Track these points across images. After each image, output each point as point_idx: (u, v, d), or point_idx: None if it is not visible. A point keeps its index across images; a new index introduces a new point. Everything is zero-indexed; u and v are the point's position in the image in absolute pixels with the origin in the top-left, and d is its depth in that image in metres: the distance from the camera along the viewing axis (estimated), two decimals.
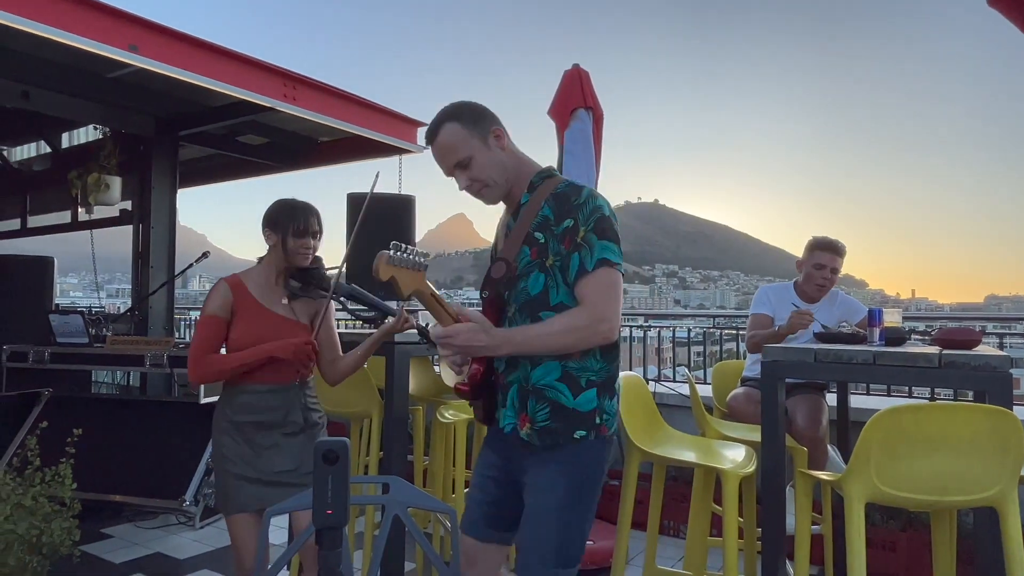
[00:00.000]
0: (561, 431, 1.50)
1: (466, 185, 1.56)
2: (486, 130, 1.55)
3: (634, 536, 2.85)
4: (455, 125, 1.54)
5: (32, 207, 6.15)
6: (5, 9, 2.67)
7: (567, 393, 1.50)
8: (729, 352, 4.95)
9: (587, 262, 1.46)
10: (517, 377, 1.55)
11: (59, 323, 4.01)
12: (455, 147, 1.54)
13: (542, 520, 1.50)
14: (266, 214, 2.10)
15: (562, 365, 1.51)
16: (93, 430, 2.68)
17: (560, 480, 1.50)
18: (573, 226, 1.48)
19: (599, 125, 3.46)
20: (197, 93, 3.93)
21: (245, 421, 2.03)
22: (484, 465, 1.66)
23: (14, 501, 1.93)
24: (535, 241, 1.52)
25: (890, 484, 1.66)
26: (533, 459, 1.54)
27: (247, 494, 1.99)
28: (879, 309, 2.26)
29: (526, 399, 1.53)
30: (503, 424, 1.57)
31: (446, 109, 1.58)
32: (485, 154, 1.54)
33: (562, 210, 1.51)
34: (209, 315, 2.01)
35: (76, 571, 2.82)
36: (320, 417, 2.15)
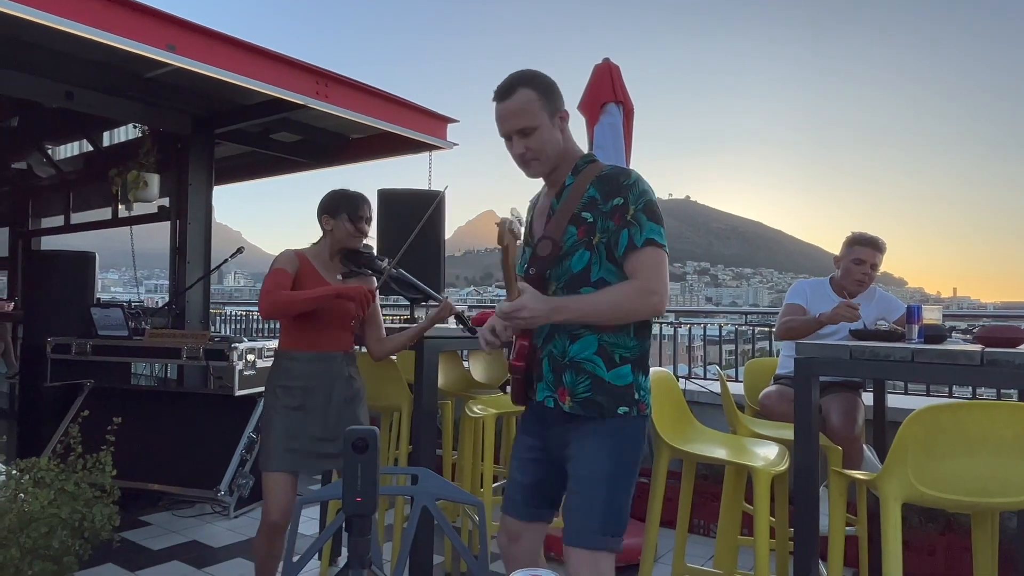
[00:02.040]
0: (605, 404, 1.55)
1: (520, 152, 1.59)
2: (555, 107, 1.60)
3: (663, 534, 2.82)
4: (531, 92, 1.56)
5: (75, 204, 6.34)
6: (50, 11, 2.76)
7: (602, 366, 1.56)
8: (762, 350, 4.87)
9: (636, 239, 1.52)
10: (549, 350, 1.60)
11: (100, 316, 4.12)
12: (525, 113, 1.56)
13: (590, 489, 1.54)
14: (322, 202, 2.33)
15: (598, 339, 1.56)
16: (132, 421, 2.76)
17: (604, 452, 1.54)
18: (623, 204, 1.53)
19: (629, 120, 3.43)
20: (232, 91, 4.00)
21: (294, 385, 2.22)
22: (522, 449, 1.71)
23: (58, 486, 2.00)
24: (582, 221, 1.56)
25: (928, 484, 1.61)
26: (576, 432, 1.58)
27: (286, 457, 2.18)
28: (918, 306, 2.20)
29: (561, 372, 1.58)
30: (540, 398, 1.62)
31: (524, 73, 1.60)
32: (548, 129, 1.58)
33: (610, 189, 1.55)
34: (277, 268, 2.21)
35: (116, 556, 2.91)
36: (361, 388, 2.36)
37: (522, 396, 1.68)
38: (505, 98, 1.58)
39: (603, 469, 1.53)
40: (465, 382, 3.50)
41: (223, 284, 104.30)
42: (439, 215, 3.21)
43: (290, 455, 2.19)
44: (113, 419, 2.32)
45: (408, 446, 2.77)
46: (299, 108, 3.94)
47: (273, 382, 2.27)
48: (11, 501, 1.96)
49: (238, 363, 3.65)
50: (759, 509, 1.97)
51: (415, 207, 3.11)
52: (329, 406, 2.25)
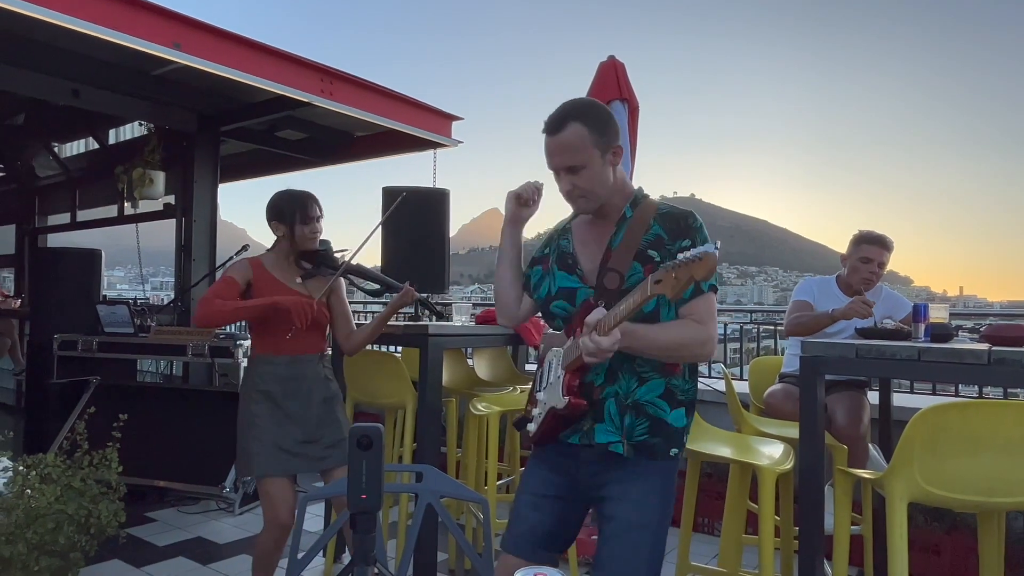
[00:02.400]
0: (659, 447, 1.53)
1: (568, 189, 1.54)
2: (609, 144, 1.53)
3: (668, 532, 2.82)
4: (583, 128, 1.50)
5: (81, 201, 6.37)
6: (57, 9, 2.77)
7: (666, 409, 1.54)
8: (767, 349, 4.86)
9: (702, 284, 1.47)
10: (614, 391, 1.53)
11: (106, 313, 4.14)
12: (575, 150, 1.50)
13: (634, 537, 1.49)
14: (270, 207, 2.28)
15: (666, 382, 1.54)
16: (138, 417, 2.77)
17: (653, 496, 1.51)
18: (691, 247, 1.46)
19: (634, 117, 3.43)
20: (237, 89, 4.01)
21: (272, 389, 2.20)
22: (540, 484, 1.62)
23: (64, 482, 2.01)
24: (649, 259, 1.51)
25: (934, 483, 1.61)
26: (620, 472, 1.52)
27: (274, 461, 2.16)
28: (924, 304, 2.19)
29: (624, 414, 1.53)
30: (602, 441, 1.53)
31: (580, 106, 1.53)
32: (599, 167, 1.52)
33: (677, 229, 1.52)
34: (227, 275, 2.19)
35: (122, 552, 2.93)
36: (337, 390, 2.35)
37: (554, 435, 1.57)
38: (555, 132, 1.51)
39: (651, 515, 1.50)
40: (469, 380, 3.51)
41: None
42: (444, 214, 3.21)
43: (284, 457, 2.18)
44: (119, 416, 2.33)
45: (412, 444, 2.78)
46: (304, 106, 3.95)
47: (250, 387, 2.23)
48: (18, 497, 1.97)
49: (243, 360, 3.66)
50: (764, 508, 1.97)
51: (419, 204, 3.12)
52: (309, 409, 2.24)
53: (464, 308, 3.10)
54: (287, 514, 2.18)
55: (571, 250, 1.64)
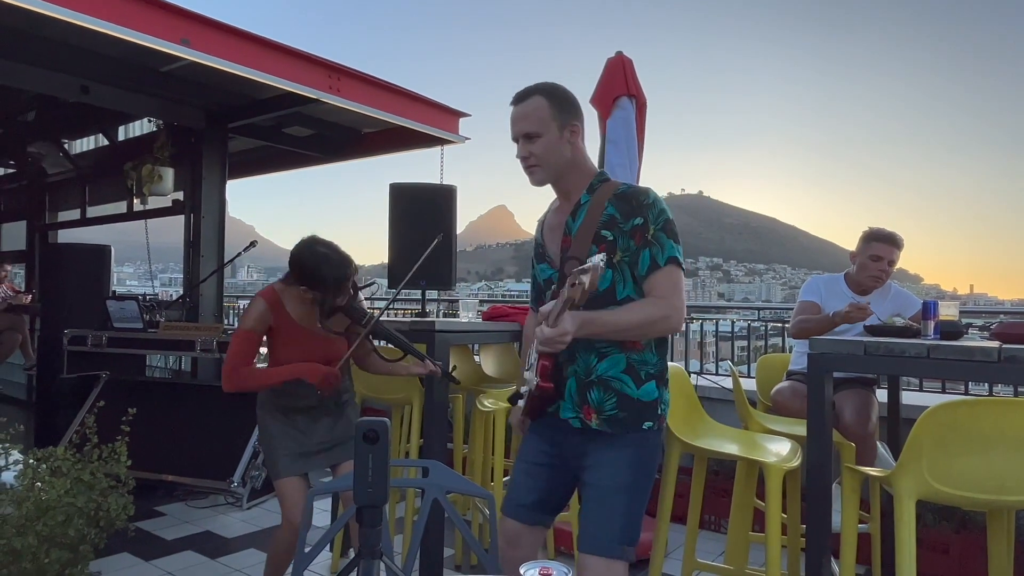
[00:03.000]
0: (630, 420, 1.58)
1: (524, 155, 1.63)
2: (566, 120, 1.62)
3: (673, 529, 2.82)
4: (543, 101, 1.61)
5: (91, 198, 6.41)
6: (66, 6, 2.78)
7: (631, 384, 1.59)
8: (774, 347, 4.83)
9: (659, 258, 1.55)
10: (574, 370, 1.61)
11: (116, 309, 4.17)
12: (533, 119, 1.60)
13: (609, 500, 1.56)
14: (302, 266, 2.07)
15: (627, 357, 1.59)
16: (147, 412, 2.79)
17: (625, 463, 1.58)
18: (643, 224, 1.56)
19: (642, 113, 3.41)
20: (245, 85, 4.02)
21: (289, 406, 2.19)
22: (532, 452, 1.72)
23: (74, 476, 2.02)
24: (603, 239, 1.57)
25: (943, 481, 1.60)
26: (596, 443, 1.60)
27: (294, 464, 2.17)
28: (934, 302, 2.17)
29: (586, 391, 1.60)
30: (564, 416, 1.62)
31: (543, 83, 1.66)
32: (554, 139, 1.61)
33: (629, 208, 1.58)
34: (247, 330, 2.10)
35: (131, 545, 2.95)
36: (350, 396, 2.35)
37: (540, 412, 1.66)
38: (519, 102, 1.63)
39: (624, 480, 1.57)
40: (476, 376, 3.51)
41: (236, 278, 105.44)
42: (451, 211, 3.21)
43: (299, 460, 2.18)
44: (128, 410, 2.35)
45: (419, 439, 2.78)
46: (312, 102, 3.96)
47: (270, 403, 2.21)
48: (28, 490, 1.99)
49: None
50: (771, 505, 1.96)
51: (426, 201, 3.12)
52: (325, 416, 2.24)
53: (471, 305, 3.10)
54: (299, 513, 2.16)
55: (541, 240, 1.74)
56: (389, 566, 0.91)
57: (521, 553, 1.67)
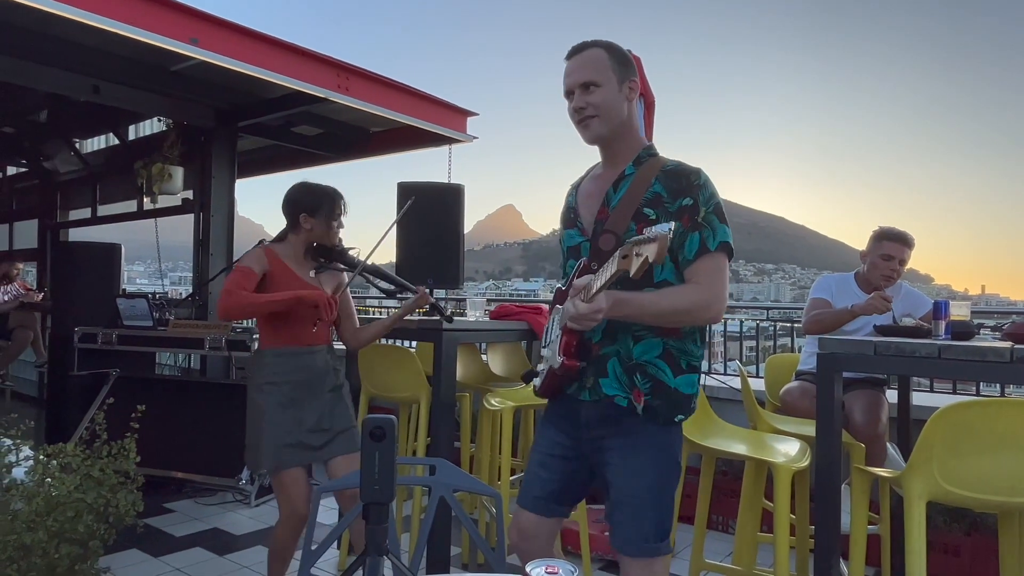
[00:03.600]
0: (664, 410, 1.51)
1: (580, 106, 1.54)
2: (626, 75, 1.56)
3: (681, 529, 2.81)
4: (603, 52, 1.55)
5: (101, 196, 6.45)
6: (77, 6, 2.80)
7: (668, 372, 1.51)
8: (783, 347, 4.81)
9: (709, 242, 1.47)
10: (615, 350, 1.53)
11: (126, 307, 4.20)
12: (594, 68, 1.54)
13: (640, 501, 1.52)
14: (299, 199, 2.26)
15: (663, 342, 1.51)
16: (156, 409, 2.80)
17: (653, 462, 1.52)
18: (693, 205, 1.48)
19: (651, 113, 3.40)
20: (255, 85, 4.03)
21: (281, 381, 2.21)
22: (548, 444, 1.66)
23: (84, 472, 2.03)
24: (644, 217, 1.48)
25: (954, 483, 1.58)
26: (622, 439, 1.53)
27: (286, 453, 2.18)
28: (945, 302, 2.15)
29: (632, 373, 1.52)
30: (610, 393, 1.53)
31: (603, 39, 1.59)
32: (614, 92, 1.54)
33: (678, 187, 1.49)
34: (245, 266, 2.18)
35: (139, 541, 2.97)
36: (343, 377, 2.36)
37: (556, 391, 1.60)
38: (578, 52, 1.56)
39: (652, 479, 1.51)
40: (483, 375, 3.51)
41: None
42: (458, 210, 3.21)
43: (284, 451, 2.18)
44: (137, 407, 2.36)
45: (426, 438, 2.78)
46: (320, 101, 3.97)
47: (260, 380, 2.23)
48: (39, 485, 2.00)
49: None
50: (779, 506, 1.95)
51: (434, 200, 3.12)
52: (319, 398, 2.25)
53: (478, 304, 3.10)
54: (304, 505, 2.20)
55: (575, 204, 1.66)
56: (395, 564, 0.91)
57: (536, 545, 1.63)
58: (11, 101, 5.05)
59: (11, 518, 1.91)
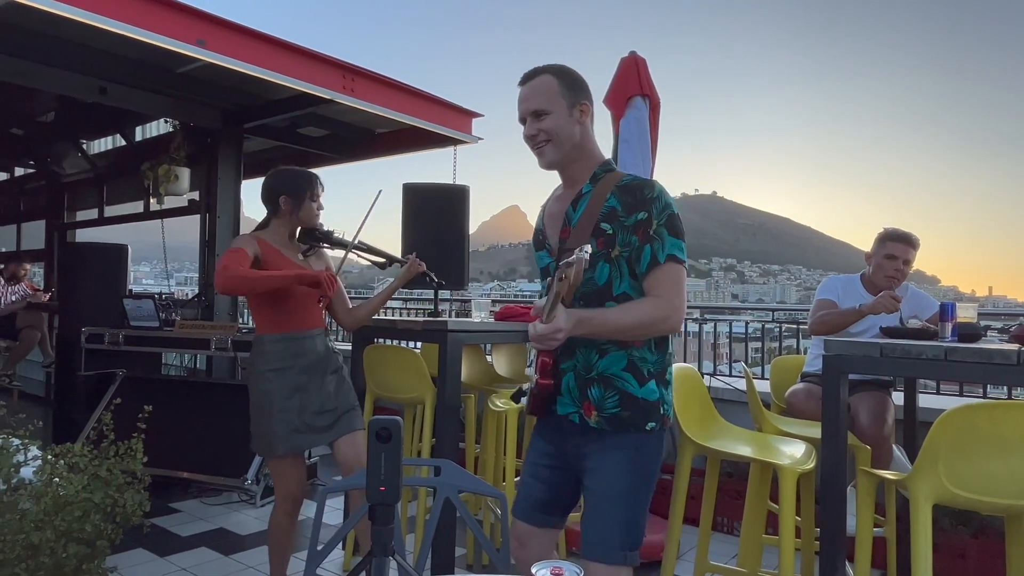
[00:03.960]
0: (631, 420, 1.54)
1: (532, 134, 1.59)
2: (576, 100, 1.59)
3: (686, 531, 2.80)
4: (552, 79, 1.58)
5: (108, 197, 6.48)
6: (85, 8, 2.81)
7: (633, 383, 1.55)
8: (789, 349, 4.80)
9: (659, 255, 1.51)
10: (572, 365, 1.58)
11: (132, 307, 4.22)
12: (544, 96, 1.57)
13: (610, 505, 1.54)
14: (277, 183, 2.32)
15: (627, 355, 1.55)
16: (162, 409, 2.82)
17: (626, 467, 1.54)
18: (647, 219, 1.51)
19: (656, 113, 3.40)
20: (261, 86, 4.05)
21: (283, 366, 2.24)
22: (537, 454, 1.70)
23: (91, 472, 2.04)
24: (602, 232, 1.53)
25: (960, 485, 1.58)
26: (596, 444, 1.56)
27: (289, 442, 2.21)
28: (952, 303, 2.15)
29: (586, 387, 1.56)
30: (563, 412, 1.60)
31: (553, 64, 1.62)
32: (564, 117, 1.57)
33: (633, 202, 1.53)
34: (238, 247, 2.20)
35: (146, 541, 2.98)
36: (341, 360, 2.41)
37: (541, 409, 1.64)
38: (527, 80, 1.60)
39: (623, 486, 1.54)
40: (488, 376, 3.51)
41: None
42: (463, 211, 3.22)
43: (295, 436, 2.23)
44: (144, 407, 2.37)
45: (431, 439, 2.79)
46: (326, 103, 3.98)
47: (262, 367, 2.25)
48: (47, 485, 2.01)
49: None
50: (784, 508, 1.94)
51: (439, 201, 3.12)
52: (323, 381, 2.29)
53: (483, 304, 3.11)
54: (299, 488, 2.27)
55: (542, 226, 1.71)
56: (401, 564, 0.91)
57: (532, 554, 1.66)
58: (19, 103, 5.09)
59: (19, 517, 1.92)
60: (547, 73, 1.58)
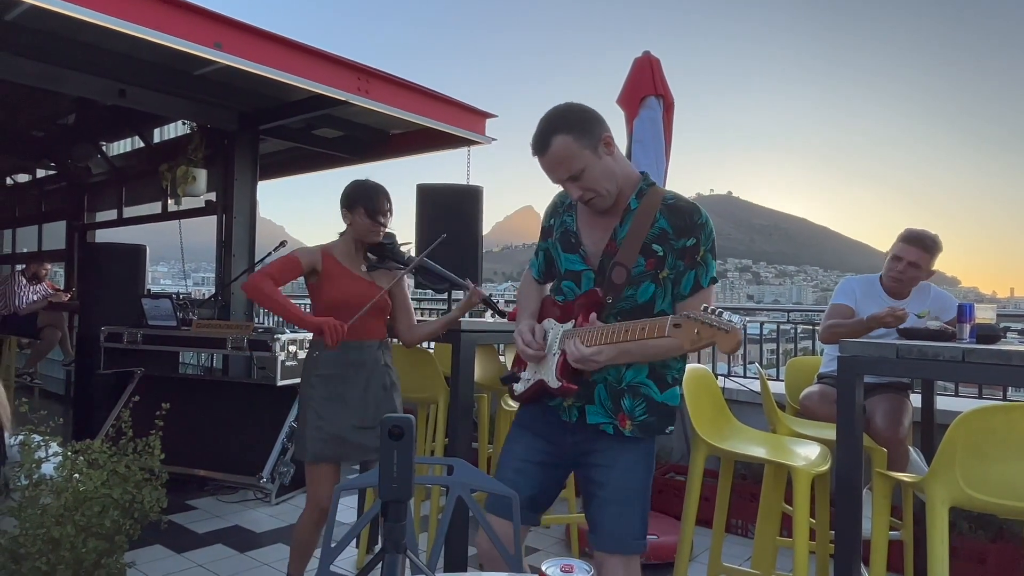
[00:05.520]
0: (658, 425, 1.62)
1: (579, 196, 1.58)
2: (596, 139, 1.54)
3: (700, 533, 2.79)
4: (567, 138, 1.52)
5: (127, 199, 6.57)
6: (105, 12, 2.86)
7: (655, 388, 1.61)
8: (804, 350, 4.75)
9: (703, 280, 1.58)
10: (604, 377, 1.60)
11: (150, 307, 4.27)
12: (568, 161, 1.53)
13: (629, 501, 1.60)
14: (343, 194, 2.30)
15: (650, 363, 1.60)
16: (179, 408, 2.86)
17: (640, 463, 1.62)
18: (695, 245, 1.56)
19: (670, 113, 3.39)
20: (276, 88, 4.09)
21: (330, 374, 2.24)
22: (525, 450, 1.70)
23: (110, 468, 2.08)
24: (652, 253, 1.56)
25: (977, 488, 1.56)
26: (607, 443, 1.61)
27: (325, 447, 2.21)
28: (970, 304, 2.12)
29: (619, 398, 1.60)
30: (594, 422, 1.61)
31: (555, 119, 1.54)
32: (596, 165, 1.54)
33: (683, 226, 1.56)
34: (293, 256, 2.23)
35: (163, 537, 3.02)
36: (396, 378, 2.38)
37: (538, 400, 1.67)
38: (543, 151, 1.55)
39: (640, 481, 1.61)
40: (501, 376, 3.52)
41: None
42: (477, 211, 3.23)
43: (332, 444, 2.22)
44: (162, 405, 2.40)
45: (444, 439, 2.80)
46: (341, 104, 4.01)
47: (309, 372, 2.29)
48: (67, 481, 2.04)
49: (280, 354, 3.73)
50: (799, 510, 1.93)
51: (453, 201, 3.14)
52: (367, 394, 2.27)
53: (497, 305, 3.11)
54: (327, 500, 2.24)
55: (575, 228, 1.67)
56: (413, 561, 0.92)
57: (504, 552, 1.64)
58: (41, 106, 5.17)
59: (41, 512, 1.95)
60: (558, 134, 1.52)
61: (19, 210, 8.37)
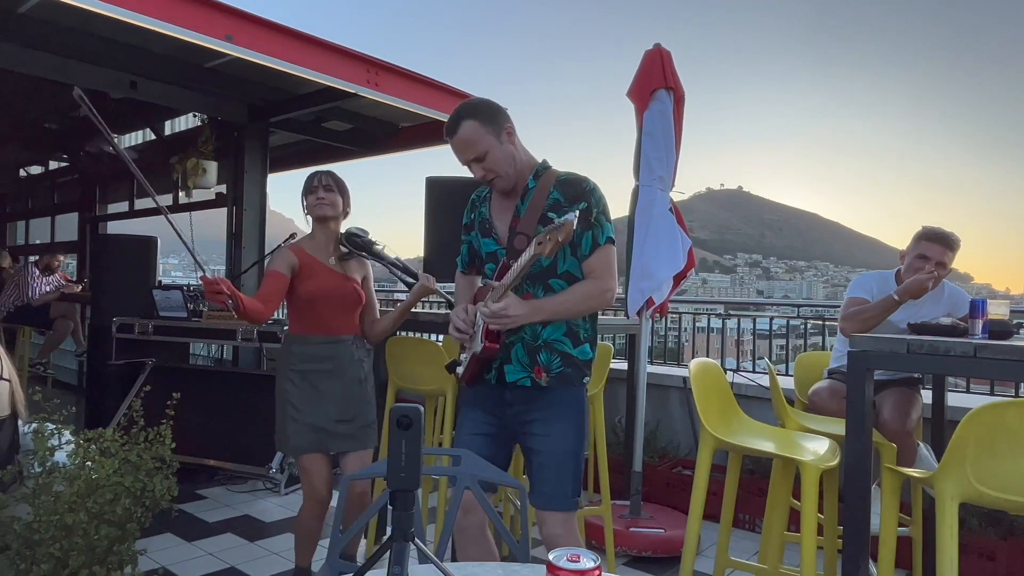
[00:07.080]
0: (574, 376, 1.80)
1: (481, 175, 1.80)
2: (500, 127, 1.78)
3: (707, 527, 2.79)
4: (473, 123, 1.75)
5: (138, 191, 6.62)
6: (117, 4, 2.87)
7: (569, 344, 1.80)
8: (814, 345, 4.73)
9: (600, 238, 1.77)
10: (519, 337, 1.78)
11: (162, 298, 4.31)
12: (473, 143, 1.75)
13: (562, 462, 1.78)
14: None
15: (567, 323, 1.80)
16: (190, 398, 2.88)
17: (570, 425, 1.79)
18: (587, 209, 1.74)
19: (680, 106, 3.37)
20: (286, 81, 4.10)
21: (308, 369, 2.30)
22: (473, 424, 1.86)
23: (121, 456, 2.10)
24: (548, 220, 1.70)
25: (988, 484, 1.55)
26: (539, 411, 1.78)
27: (307, 439, 2.27)
28: (982, 300, 2.10)
29: (535, 354, 1.78)
30: (513, 379, 1.78)
31: (466, 107, 1.79)
32: (498, 149, 1.77)
33: (574, 193, 1.77)
34: (274, 271, 2.30)
35: (173, 526, 3.05)
36: (369, 368, 2.45)
37: (479, 377, 1.82)
38: (453, 133, 1.77)
39: (572, 443, 1.78)
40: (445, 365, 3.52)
41: None
42: None
43: (311, 435, 2.28)
44: (173, 395, 2.42)
45: (452, 431, 2.81)
46: (351, 97, 4.01)
47: (285, 367, 2.34)
48: (80, 468, 2.07)
49: None
50: (807, 504, 1.93)
51: (461, 194, 3.13)
52: (344, 388, 2.32)
53: None
54: (324, 489, 2.29)
55: (488, 216, 1.90)
56: (421, 549, 0.92)
57: (475, 519, 1.81)
58: (53, 98, 5.20)
59: (54, 499, 1.98)
60: (466, 119, 1.75)
61: (32, 202, 8.46)
